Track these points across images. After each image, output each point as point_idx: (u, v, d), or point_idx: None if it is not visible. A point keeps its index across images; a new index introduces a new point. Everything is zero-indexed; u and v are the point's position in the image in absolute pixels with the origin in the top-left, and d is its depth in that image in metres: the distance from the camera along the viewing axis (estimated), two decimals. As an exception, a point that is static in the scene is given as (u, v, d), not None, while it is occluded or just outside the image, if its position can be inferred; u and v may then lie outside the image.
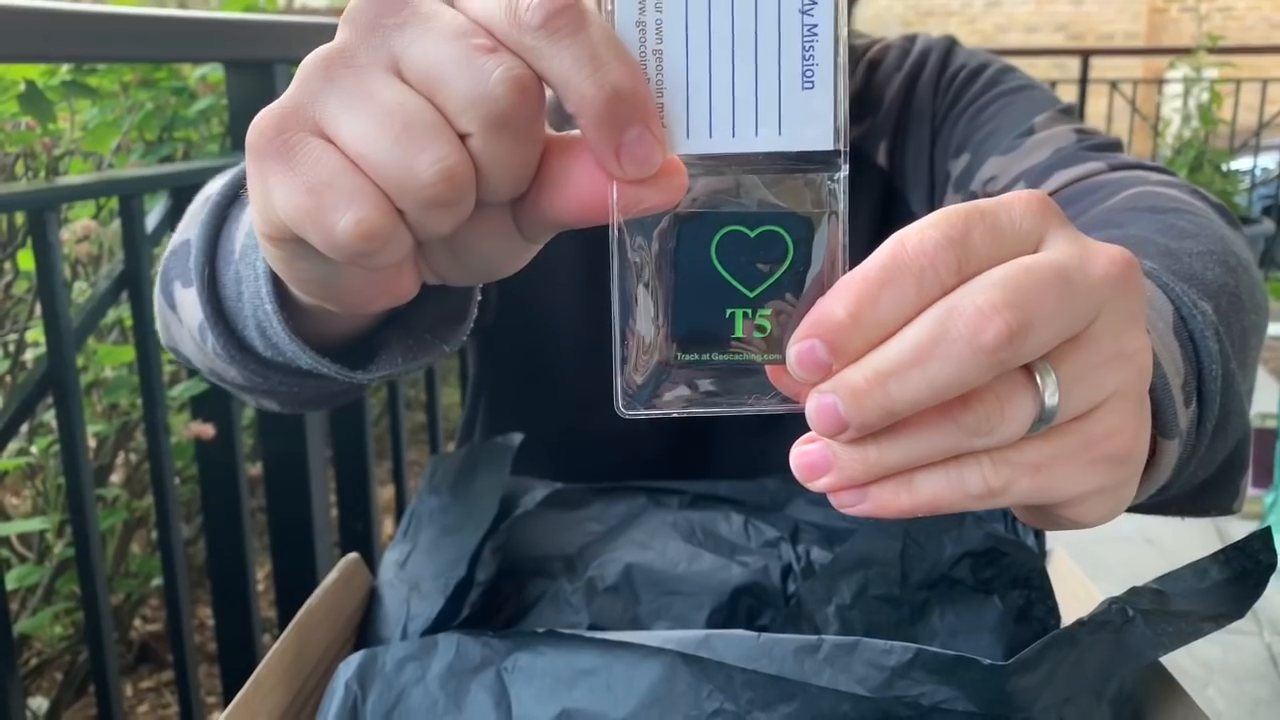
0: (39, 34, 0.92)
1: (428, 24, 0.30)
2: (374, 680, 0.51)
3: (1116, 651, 0.42)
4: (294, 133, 0.30)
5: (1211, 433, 0.43)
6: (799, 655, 0.44)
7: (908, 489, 0.30)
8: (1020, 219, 0.30)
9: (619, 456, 0.73)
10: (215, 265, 0.46)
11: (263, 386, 0.48)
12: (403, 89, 0.30)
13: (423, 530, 0.66)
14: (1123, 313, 0.30)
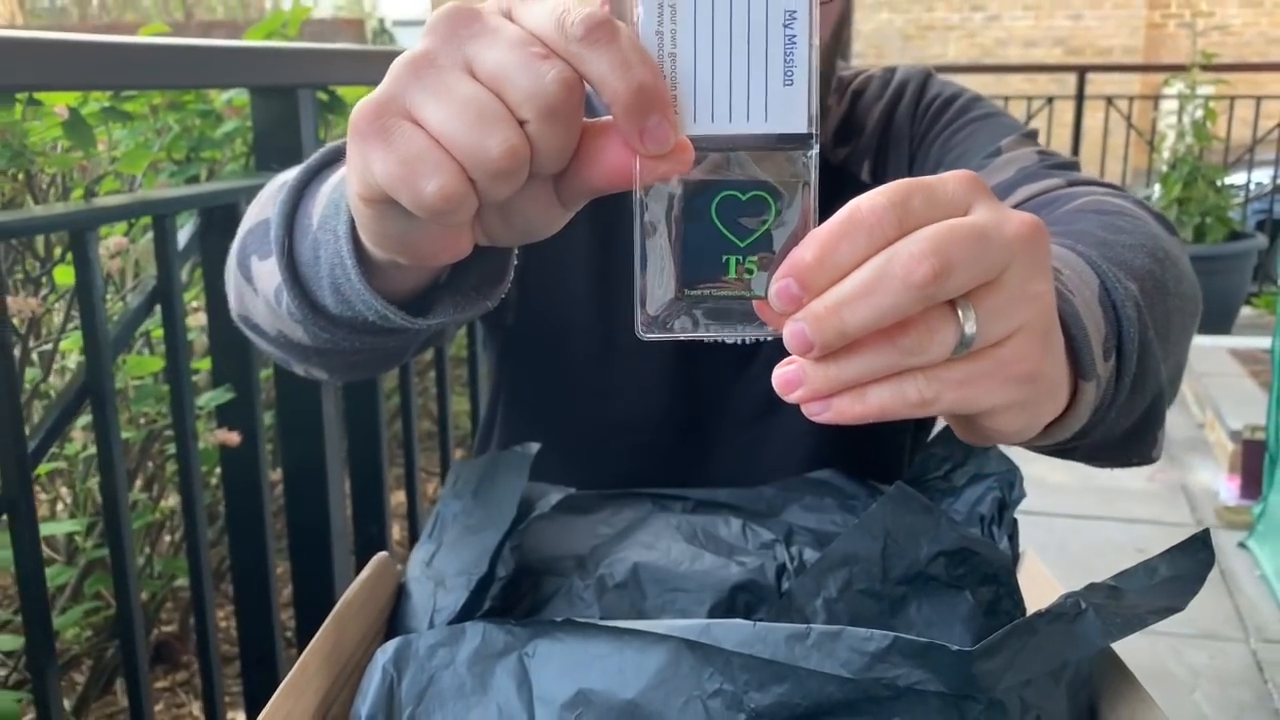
0: (82, 65, 0.98)
1: (495, 35, 0.39)
2: (408, 664, 0.57)
3: (1070, 639, 0.48)
4: (389, 117, 0.38)
5: (1130, 386, 0.51)
6: (790, 642, 0.50)
7: (861, 399, 0.38)
8: (953, 191, 0.39)
9: (628, 440, 0.82)
10: (293, 237, 0.53)
11: (326, 345, 0.55)
12: (475, 85, 0.38)
13: (447, 531, 0.72)
14: (1030, 263, 0.38)
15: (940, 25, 9.73)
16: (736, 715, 0.51)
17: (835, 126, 0.84)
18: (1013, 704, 0.49)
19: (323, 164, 0.55)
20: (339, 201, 0.49)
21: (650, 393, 0.84)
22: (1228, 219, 4.36)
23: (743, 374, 0.84)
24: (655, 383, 0.84)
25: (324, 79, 1.29)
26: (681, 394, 0.84)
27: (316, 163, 0.55)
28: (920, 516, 0.56)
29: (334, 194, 0.50)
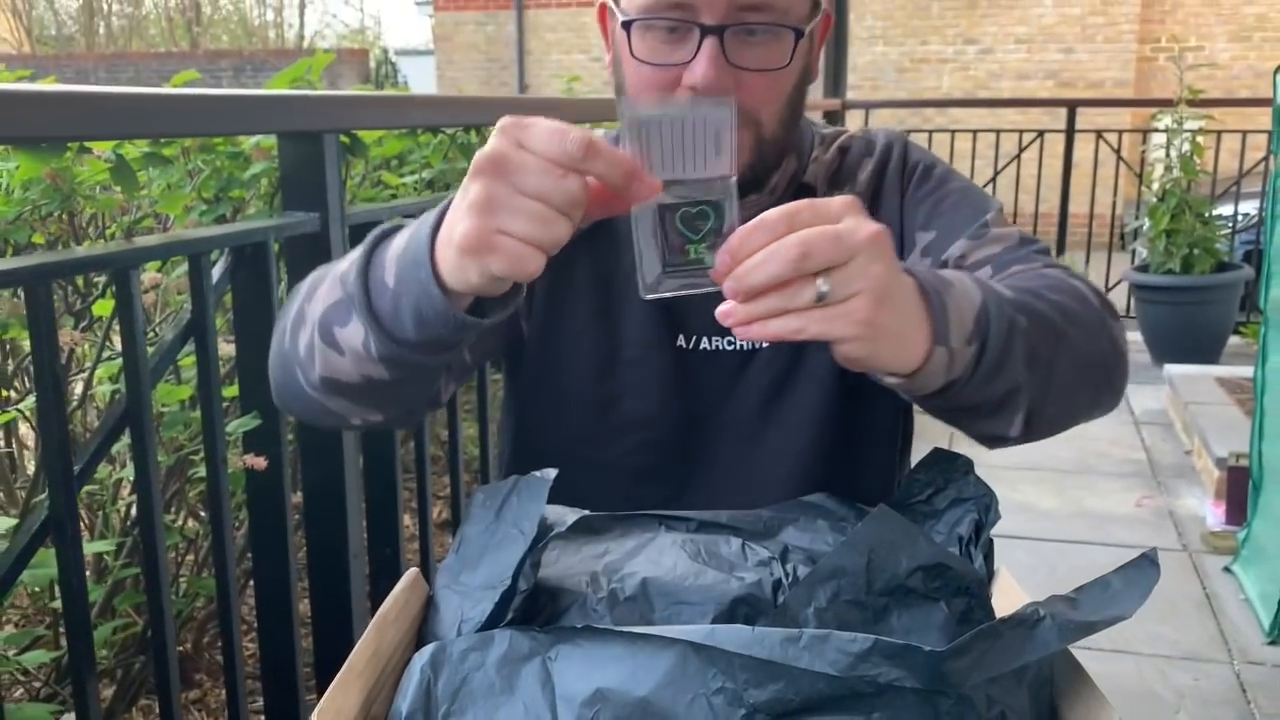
0: (129, 116, 1.05)
1: (525, 168, 0.63)
2: (443, 666, 0.64)
3: (1030, 642, 0.55)
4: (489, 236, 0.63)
5: (987, 372, 0.70)
6: (785, 644, 0.56)
7: (764, 326, 0.62)
8: (833, 208, 0.62)
9: (633, 438, 0.94)
10: (370, 299, 0.73)
11: (401, 374, 0.75)
12: (531, 202, 0.63)
13: (472, 548, 0.78)
14: (870, 254, 0.61)
15: (934, 58, 9.89)
16: (737, 710, 0.58)
17: (828, 174, 0.97)
18: (979, 699, 0.56)
19: (372, 249, 0.75)
20: (413, 264, 0.69)
21: (652, 395, 0.94)
22: (1215, 250, 4.45)
23: (741, 376, 0.94)
24: (656, 387, 0.93)
25: (347, 124, 1.37)
26: (681, 395, 0.93)
27: (369, 249, 0.75)
28: (901, 535, 0.63)
29: (402, 261, 0.71)
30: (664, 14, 0.82)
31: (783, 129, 0.88)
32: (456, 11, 11.72)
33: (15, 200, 1.10)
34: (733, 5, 0.81)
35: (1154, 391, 4.15)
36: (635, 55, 0.84)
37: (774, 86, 0.85)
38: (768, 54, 0.83)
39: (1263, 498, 2.55)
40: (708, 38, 0.81)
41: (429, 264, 0.67)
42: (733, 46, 0.81)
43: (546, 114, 2.11)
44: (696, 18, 0.81)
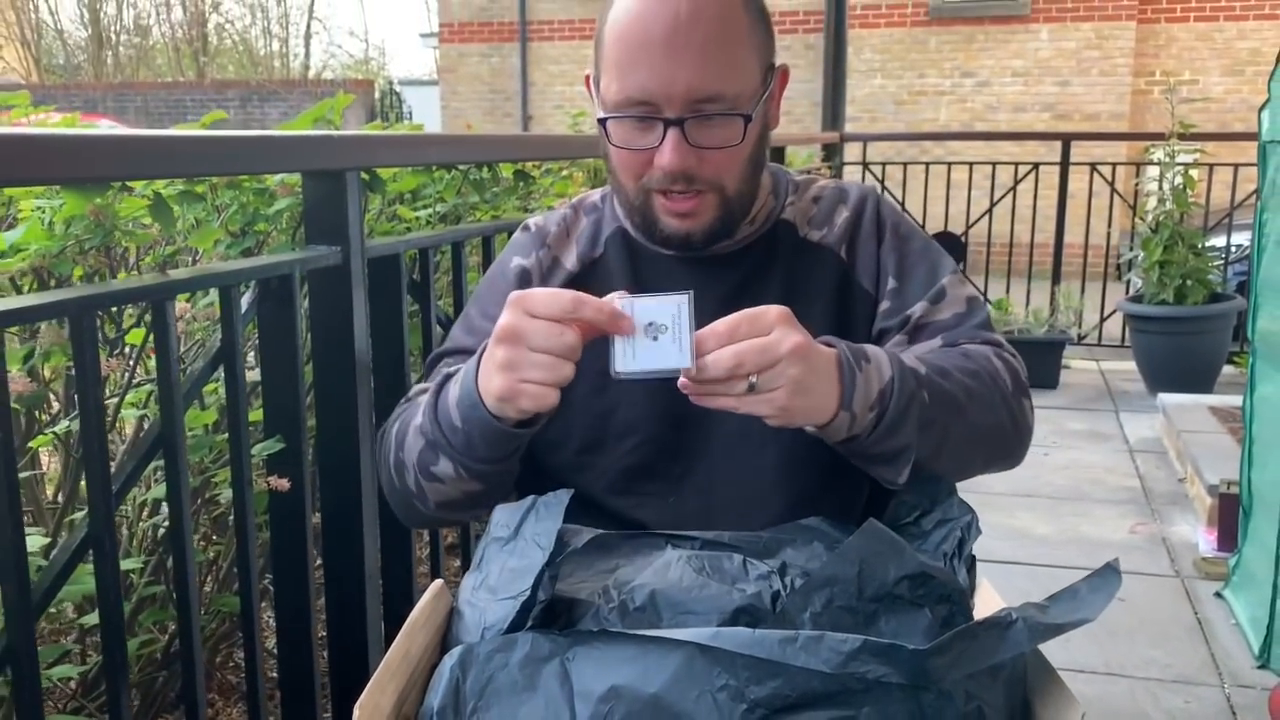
0: (167, 157, 1.13)
1: (534, 330, 0.84)
2: (471, 666, 0.70)
3: (1004, 642, 0.61)
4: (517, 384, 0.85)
5: (882, 434, 0.89)
6: (782, 644, 0.63)
7: (712, 400, 0.83)
8: (768, 320, 0.84)
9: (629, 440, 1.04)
10: (449, 441, 0.94)
11: (485, 485, 0.96)
12: (543, 356, 0.84)
13: (493, 563, 0.85)
14: (789, 361, 0.82)
15: (932, 91, 10.03)
16: (739, 705, 0.64)
17: (806, 218, 1.12)
18: (959, 694, 0.62)
19: (435, 405, 0.96)
20: (471, 407, 0.91)
21: (644, 402, 1.04)
22: (1208, 281, 4.52)
23: None
24: (647, 394, 1.03)
25: (367, 162, 1.44)
26: (671, 398, 1.00)
27: (433, 406, 0.96)
28: (889, 547, 0.69)
29: (462, 407, 0.92)
30: (631, 111, 0.97)
31: (746, 184, 1.04)
32: (461, 44, 11.89)
33: (59, 236, 1.17)
34: (689, 100, 0.95)
35: (1148, 420, 4.21)
36: (613, 143, 1.00)
37: (733, 157, 1.00)
38: (724, 134, 0.97)
39: (1252, 524, 2.60)
40: (670, 129, 0.96)
41: (481, 404, 0.89)
42: (693, 131, 0.96)
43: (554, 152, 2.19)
44: (660, 113, 0.96)
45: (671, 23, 0.94)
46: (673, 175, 0.98)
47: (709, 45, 0.95)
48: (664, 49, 0.94)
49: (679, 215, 1.01)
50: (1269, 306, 2.56)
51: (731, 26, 0.97)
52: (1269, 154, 2.65)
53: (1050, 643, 2.18)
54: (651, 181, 1.00)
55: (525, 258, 1.14)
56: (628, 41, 0.96)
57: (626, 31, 0.96)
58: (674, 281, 1.06)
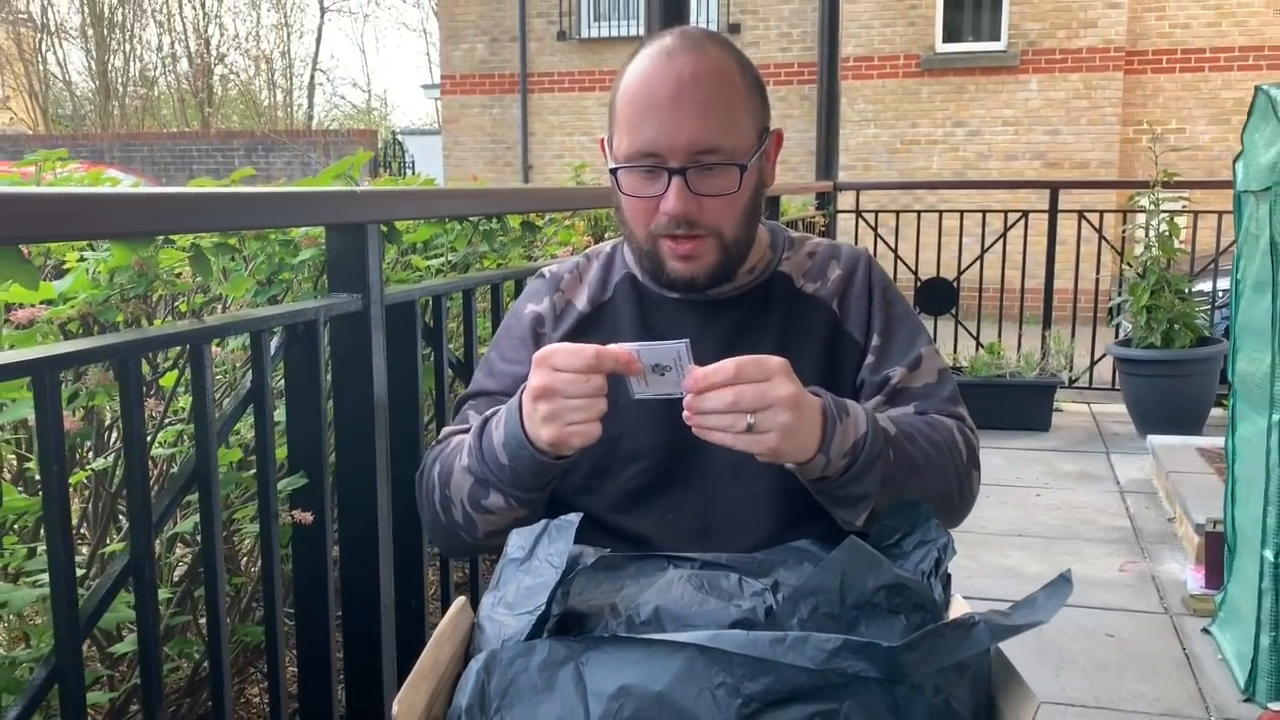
0: (205, 212, 1.22)
1: (564, 381, 0.98)
2: (495, 669, 0.78)
3: (968, 640, 0.70)
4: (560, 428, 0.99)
5: (849, 480, 1.01)
6: (773, 644, 0.71)
7: (709, 434, 0.95)
8: (768, 367, 0.95)
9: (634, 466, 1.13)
10: (499, 478, 1.05)
11: (528, 511, 1.08)
12: (576, 401, 0.97)
13: (510, 582, 0.93)
14: (781, 408, 0.94)
15: (924, 140, 10.23)
16: (735, 700, 0.72)
17: (802, 272, 1.23)
18: (928, 688, 0.70)
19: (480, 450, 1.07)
20: (520, 446, 1.02)
21: (646, 430, 1.13)
22: (1195, 325, 4.62)
23: None
24: (650, 423, 1.12)
25: (387, 216, 1.54)
26: (673, 426, 1.08)
27: (478, 451, 1.08)
28: (868, 560, 0.77)
29: (510, 448, 1.04)
30: (640, 162, 1.09)
31: (743, 231, 1.15)
32: (463, 95, 12.13)
33: (105, 285, 1.27)
34: (690, 151, 1.07)
35: (1138, 461, 4.29)
36: (623, 192, 1.12)
37: (731, 205, 1.11)
38: (722, 183, 1.10)
39: (1237, 561, 2.67)
40: (674, 177, 1.08)
41: (529, 445, 1.01)
42: (694, 180, 1.08)
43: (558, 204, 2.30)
44: (665, 163, 1.08)
45: (675, 84, 1.08)
46: (676, 220, 1.09)
47: (709, 104, 1.08)
48: (669, 107, 1.07)
49: (683, 258, 1.12)
50: (1247, 349, 2.66)
51: (729, 90, 1.10)
52: (1243, 203, 2.76)
53: (1041, 676, 2.28)
54: (658, 227, 1.11)
55: (538, 304, 1.24)
56: (637, 102, 1.09)
57: (636, 93, 1.10)
58: (678, 322, 1.19)
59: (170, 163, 13.08)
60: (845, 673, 0.69)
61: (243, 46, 24.55)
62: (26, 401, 1.23)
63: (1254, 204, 2.62)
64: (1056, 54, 9.89)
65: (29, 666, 1.29)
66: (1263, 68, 9.48)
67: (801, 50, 10.63)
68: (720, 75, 1.10)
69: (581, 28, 11.60)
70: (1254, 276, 2.59)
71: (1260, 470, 2.41)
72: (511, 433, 1.03)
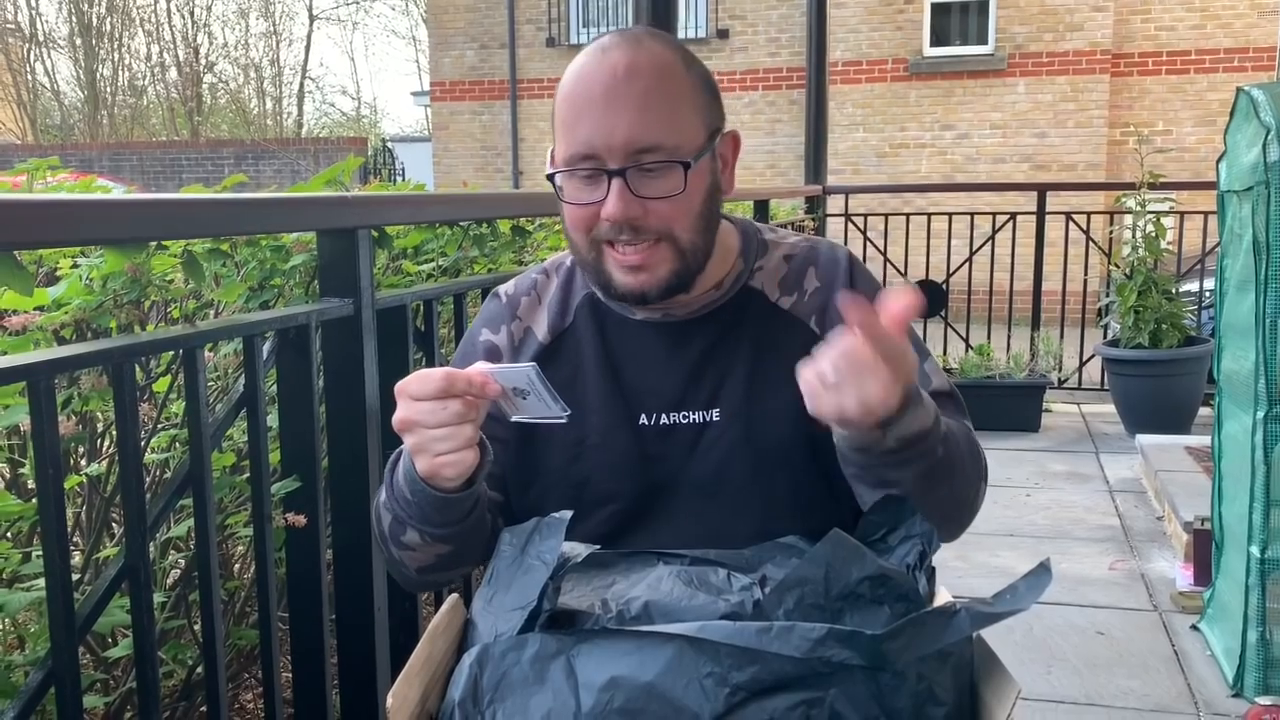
0: (195, 218, 1.23)
1: (422, 411, 0.92)
2: (488, 663, 0.79)
3: (949, 628, 0.71)
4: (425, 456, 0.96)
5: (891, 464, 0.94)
6: (759, 634, 0.72)
7: None
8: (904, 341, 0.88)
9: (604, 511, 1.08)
10: (408, 513, 1.00)
11: (449, 545, 1.02)
12: (439, 430, 0.92)
13: (502, 578, 0.94)
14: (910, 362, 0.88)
15: (913, 143, 10.28)
16: (723, 690, 0.74)
17: (777, 280, 1.14)
18: (911, 675, 0.72)
19: (390, 486, 1.03)
20: (413, 483, 0.98)
21: (618, 471, 1.07)
22: (1182, 325, 4.66)
23: (698, 444, 1.08)
24: (621, 463, 1.07)
25: (378, 221, 1.56)
26: (644, 466, 1.07)
27: (389, 487, 1.04)
28: (852, 552, 0.79)
29: (409, 484, 0.98)
30: (578, 165, 1.02)
31: (698, 236, 1.05)
32: (453, 101, 12.15)
33: (98, 291, 1.28)
34: (629, 151, 1.00)
35: (1127, 461, 4.31)
36: (564, 199, 1.05)
37: (679, 207, 1.02)
38: (666, 184, 1.01)
39: (1224, 558, 2.70)
40: (614, 179, 1.00)
41: (420, 480, 0.97)
42: (635, 182, 1.00)
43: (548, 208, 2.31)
44: (604, 165, 1.01)
45: (609, 79, 1.01)
46: (618, 225, 1.01)
47: (646, 99, 1.00)
48: (603, 103, 1.00)
49: (631, 269, 1.03)
50: (1232, 347, 2.69)
51: (669, 84, 1.03)
52: (1226, 203, 2.79)
53: (1032, 674, 2.30)
54: (600, 234, 1.03)
55: (495, 332, 1.16)
56: (572, 101, 1.03)
57: (571, 93, 1.03)
58: (642, 346, 1.10)
59: (160, 171, 13.07)
60: (830, 661, 0.70)
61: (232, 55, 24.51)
62: (21, 407, 1.24)
63: (1237, 203, 2.65)
64: (1044, 57, 9.96)
65: (25, 670, 1.30)
66: (1248, 69, 9.55)
67: (790, 55, 10.68)
68: (659, 69, 1.02)
69: (570, 34, 11.63)
70: (1238, 275, 2.62)
71: (1246, 467, 2.43)
72: (407, 468, 0.98)
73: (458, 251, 2.01)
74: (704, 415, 1.08)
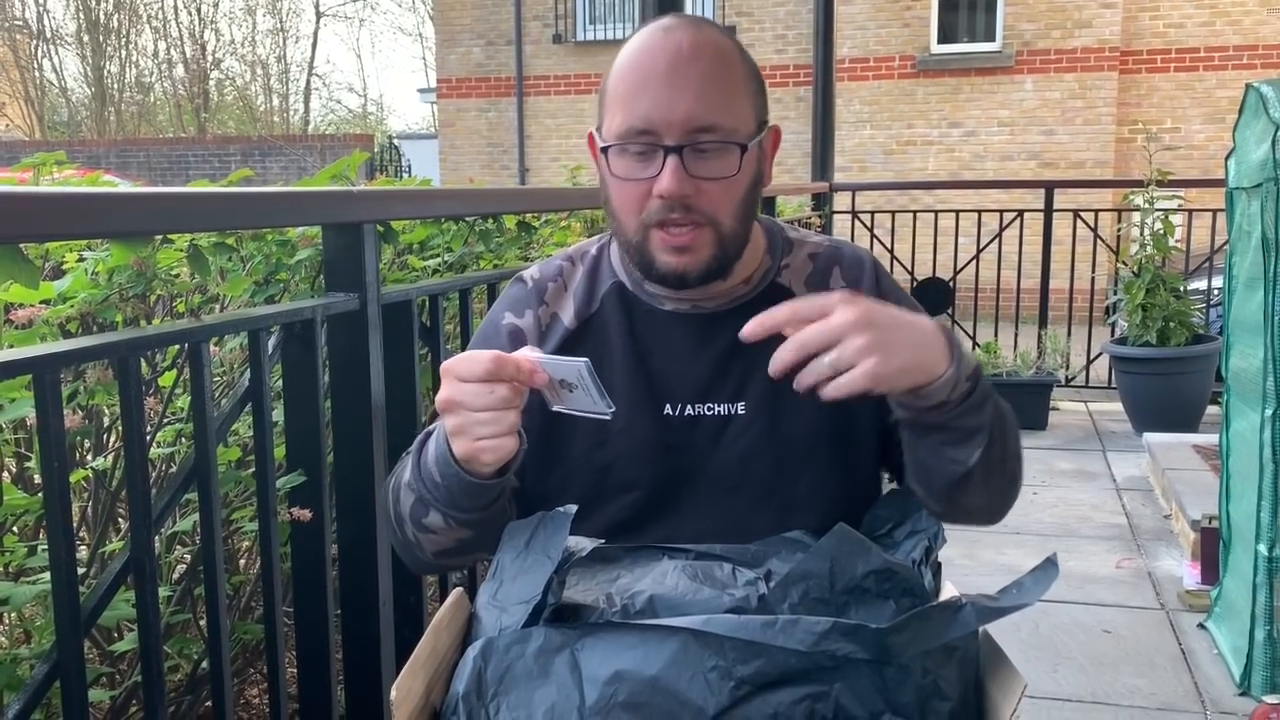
0: (202, 212, 1.23)
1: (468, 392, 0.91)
2: (492, 656, 0.79)
3: (954, 622, 0.71)
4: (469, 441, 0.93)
5: (972, 406, 0.95)
6: (764, 628, 0.72)
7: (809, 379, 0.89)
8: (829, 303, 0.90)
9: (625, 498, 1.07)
10: (435, 496, 1.00)
11: (473, 530, 1.01)
12: (482, 413, 0.91)
13: (507, 571, 0.94)
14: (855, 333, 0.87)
15: (920, 141, 10.25)
16: (728, 683, 0.73)
17: (804, 279, 1.15)
18: (916, 669, 0.72)
19: (418, 464, 1.02)
20: (447, 465, 0.97)
21: (641, 459, 1.07)
22: (1190, 323, 4.64)
23: (722, 435, 1.07)
24: (644, 451, 1.06)
25: (384, 215, 1.56)
26: (668, 456, 1.07)
27: (416, 465, 1.02)
28: (857, 546, 0.79)
29: (440, 466, 0.98)
30: (634, 140, 1.02)
31: (739, 224, 1.06)
32: (459, 99, 12.15)
33: (104, 284, 1.28)
34: (688, 129, 1.00)
35: (1135, 459, 4.30)
36: (614, 174, 1.04)
37: (728, 191, 1.03)
38: (720, 165, 1.02)
39: (1232, 556, 2.69)
40: (670, 156, 1.00)
41: (454, 462, 0.96)
42: (690, 161, 1.00)
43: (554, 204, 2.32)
44: (660, 141, 1.00)
45: (674, 56, 1.01)
46: (670, 203, 1.01)
47: (707, 80, 1.01)
48: (665, 80, 1.00)
49: (676, 250, 1.03)
50: (1240, 345, 2.67)
51: (729, 69, 1.04)
52: (1235, 200, 2.78)
53: (1039, 672, 2.29)
54: (650, 215, 1.03)
55: (519, 316, 1.15)
56: (633, 76, 1.03)
57: (631, 67, 1.03)
58: (670, 337, 1.10)
59: (167, 168, 13.09)
60: (835, 655, 0.70)
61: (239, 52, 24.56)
62: (27, 400, 1.24)
63: (1246, 200, 2.64)
64: (1051, 54, 9.92)
65: (31, 664, 1.30)
66: (1257, 66, 9.51)
67: (797, 52, 10.66)
68: (720, 53, 1.03)
69: (577, 30, 11.62)
70: (1246, 273, 2.61)
71: (1254, 465, 2.42)
72: (440, 450, 0.97)
73: (463, 247, 2.01)
74: (729, 408, 1.08)
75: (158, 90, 20.82)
